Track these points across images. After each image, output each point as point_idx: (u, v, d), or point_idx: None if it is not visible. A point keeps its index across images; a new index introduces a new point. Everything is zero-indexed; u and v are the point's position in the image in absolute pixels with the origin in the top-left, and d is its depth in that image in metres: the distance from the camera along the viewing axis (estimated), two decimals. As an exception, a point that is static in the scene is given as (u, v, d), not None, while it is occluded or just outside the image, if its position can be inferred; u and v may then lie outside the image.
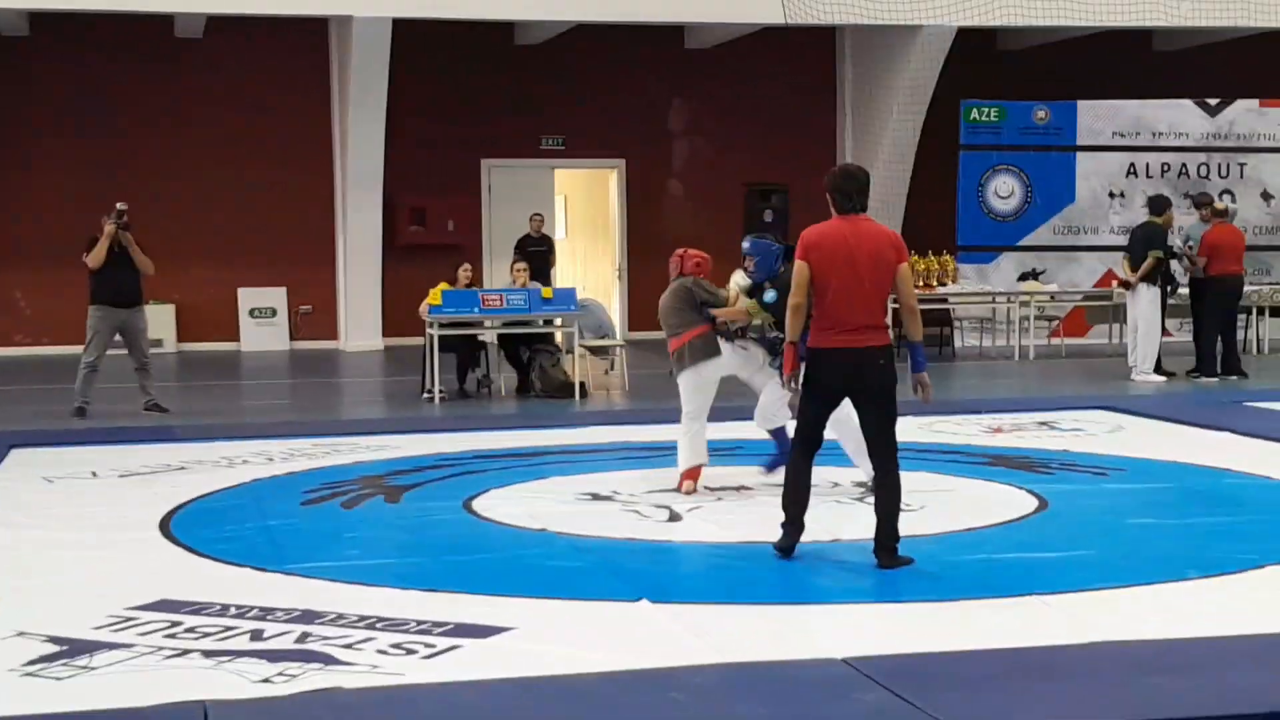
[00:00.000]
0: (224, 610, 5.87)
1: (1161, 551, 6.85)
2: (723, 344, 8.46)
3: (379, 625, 5.62)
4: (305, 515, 7.97)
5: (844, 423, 7.39)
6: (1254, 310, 16.87)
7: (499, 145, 19.39)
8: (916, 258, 16.85)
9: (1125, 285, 14.09)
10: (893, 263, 6.49)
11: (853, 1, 17.34)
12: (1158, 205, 14.38)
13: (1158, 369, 14.14)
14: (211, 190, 18.52)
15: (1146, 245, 13.91)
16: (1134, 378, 14.02)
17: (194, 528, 7.58)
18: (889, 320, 7.03)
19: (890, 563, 6.52)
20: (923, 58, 17.80)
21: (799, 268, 6.53)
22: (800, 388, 6.60)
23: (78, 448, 10.15)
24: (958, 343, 17.70)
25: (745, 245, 8.40)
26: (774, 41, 18.78)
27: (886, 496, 6.57)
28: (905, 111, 18.28)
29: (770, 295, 8.13)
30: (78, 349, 12.21)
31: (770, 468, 8.62)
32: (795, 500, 6.69)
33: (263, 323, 18.68)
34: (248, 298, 18.67)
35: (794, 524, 6.69)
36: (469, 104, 19.04)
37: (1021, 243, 17.91)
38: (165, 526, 7.62)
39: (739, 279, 8.46)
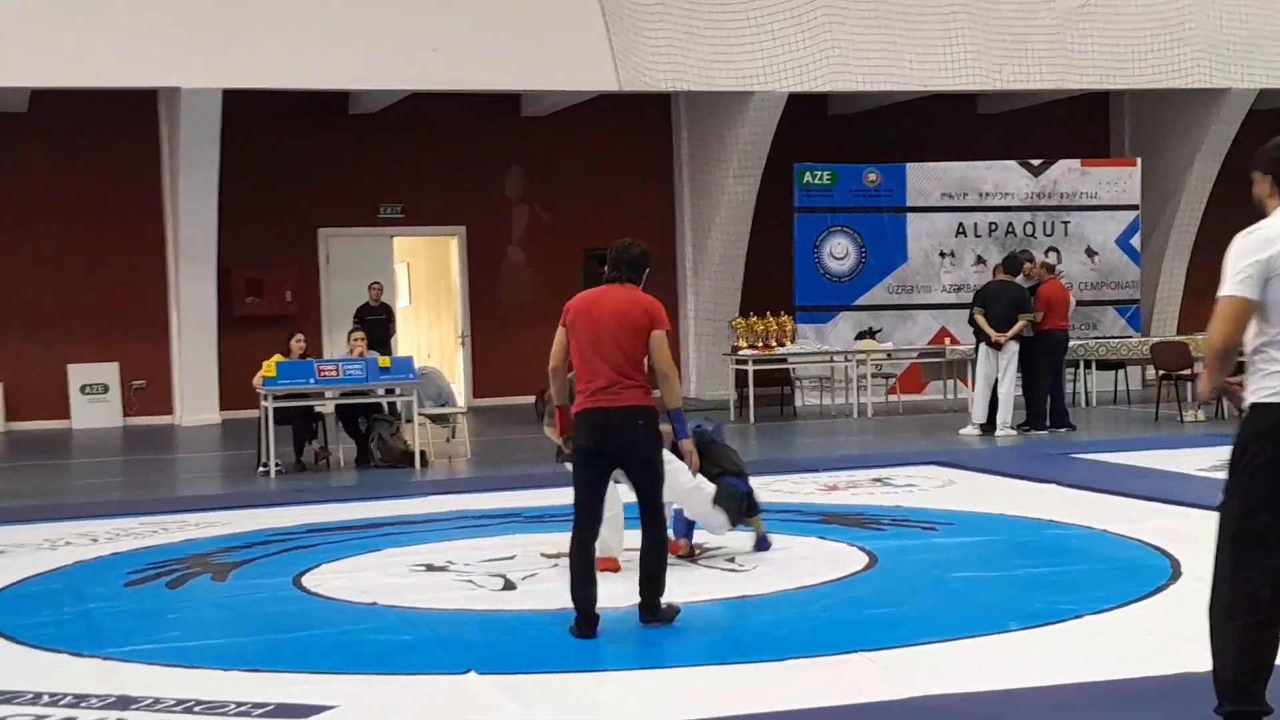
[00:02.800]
0: (36, 699, 5.68)
1: (984, 604, 6.96)
2: None
3: (197, 709, 5.48)
4: (127, 597, 7.76)
5: (676, 491, 7.40)
6: (1081, 364, 17.35)
7: (336, 214, 19.25)
8: (756, 318, 17.08)
9: (995, 345, 14.24)
10: (644, 327, 6.48)
11: (686, 68, 17.59)
12: (1014, 265, 14.71)
13: (987, 423, 14.43)
14: (39, 265, 18.10)
15: (1016, 307, 14.22)
16: (999, 433, 14.26)
17: (10, 614, 7.34)
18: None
19: (653, 619, 6.55)
20: (756, 123, 18.09)
21: (559, 334, 6.67)
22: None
23: (-108, 534, 9.79)
24: (798, 402, 17.92)
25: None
26: (610, 108, 18.94)
27: (652, 558, 6.56)
28: (740, 175, 18.54)
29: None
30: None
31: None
32: (583, 580, 6.45)
33: (94, 399, 18.22)
34: (78, 374, 18.22)
35: (587, 615, 6.46)
36: (304, 174, 18.88)
37: (857, 302, 18.21)
38: (-19, 613, 7.37)
39: None
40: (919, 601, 7.10)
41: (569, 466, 6.75)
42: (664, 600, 6.68)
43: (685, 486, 7.51)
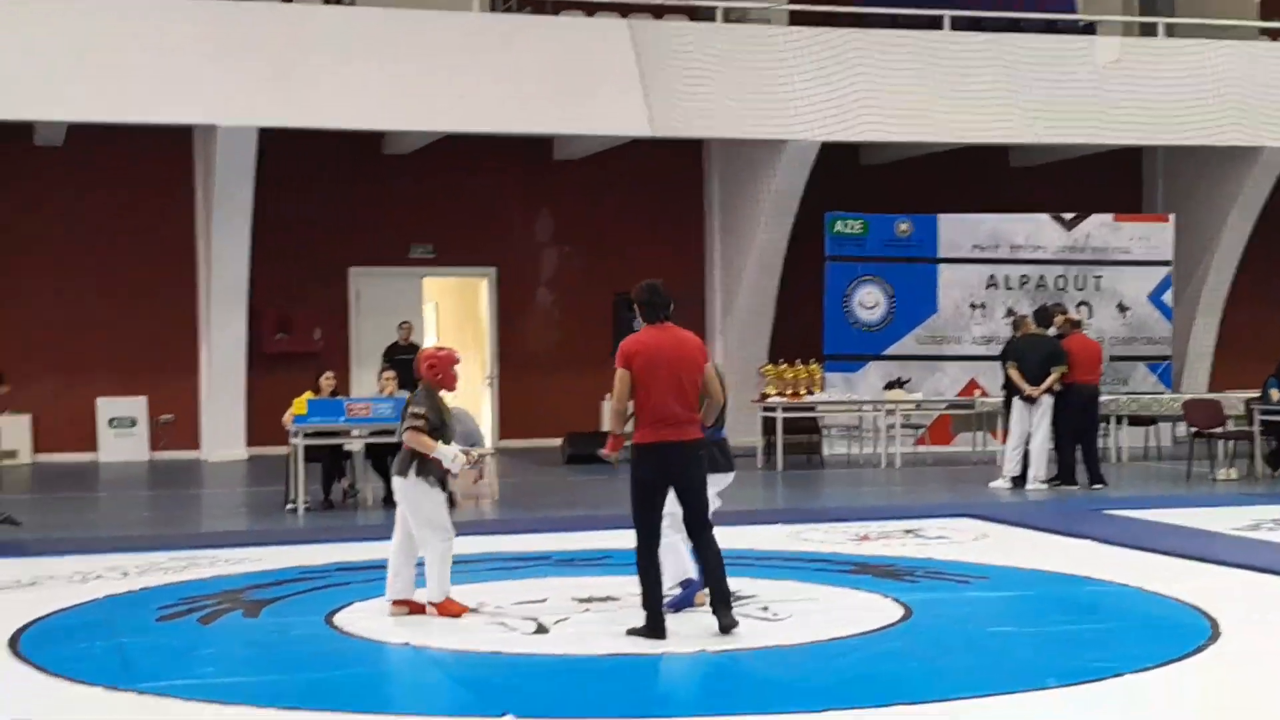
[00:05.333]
0: (70, 733, 5.67)
1: (1021, 660, 6.90)
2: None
3: (232, 747, 5.46)
4: (160, 631, 7.74)
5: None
6: (1112, 419, 17.25)
7: (367, 254, 19.30)
8: (785, 366, 17.05)
9: (1029, 399, 14.24)
10: (700, 364, 7.38)
11: (719, 115, 17.64)
12: (1045, 317, 14.68)
13: (1019, 477, 14.37)
14: (70, 298, 18.19)
15: (1049, 360, 14.21)
16: (1030, 487, 14.19)
17: (43, 646, 7.32)
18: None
19: (729, 620, 7.19)
20: (788, 171, 18.11)
21: (620, 375, 7.25)
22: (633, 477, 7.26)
23: (-77, 563, 9.80)
24: (826, 450, 17.82)
25: None
26: (641, 153, 18.99)
27: (713, 559, 7.28)
28: (772, 222, 18.56)
29: None
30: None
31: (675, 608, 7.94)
32: (653, 593, 7.23)
33: (122, 433, 18.26)
34: (107, 407, 18.27)
35: (659, 616, 7.22)
36: (336, 212, 18.96)
37: (887, 352, 18.15)
38: (14, 644, 7.34)
39: None
40: (955, 656, 7.04)
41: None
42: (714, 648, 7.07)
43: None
